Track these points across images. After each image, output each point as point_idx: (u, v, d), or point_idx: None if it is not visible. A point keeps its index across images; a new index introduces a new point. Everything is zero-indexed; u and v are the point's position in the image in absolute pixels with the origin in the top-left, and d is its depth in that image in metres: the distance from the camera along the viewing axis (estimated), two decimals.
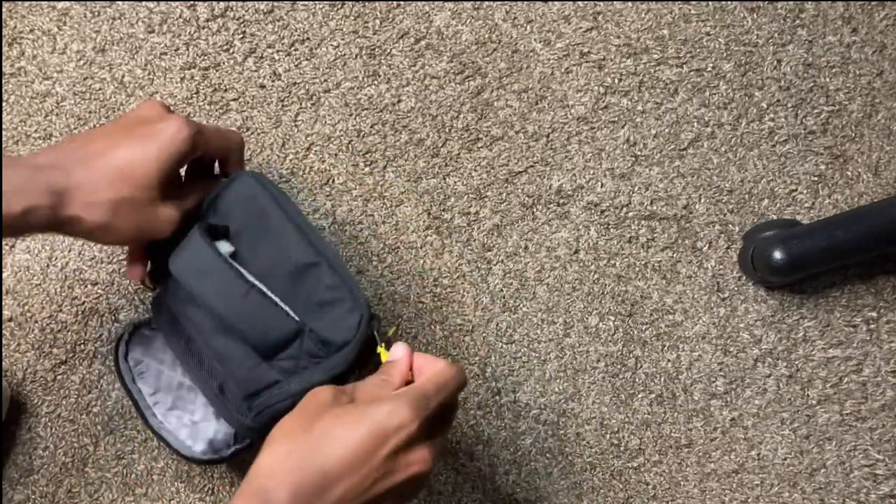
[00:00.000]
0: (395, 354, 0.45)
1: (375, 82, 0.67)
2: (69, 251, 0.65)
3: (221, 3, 0.68)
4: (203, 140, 0.46)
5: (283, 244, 0.48)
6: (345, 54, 0.68)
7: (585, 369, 0.66)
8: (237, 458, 0.56)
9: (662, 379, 0.66)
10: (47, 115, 0.67)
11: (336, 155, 0.67)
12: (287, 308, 0.47)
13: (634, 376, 0.66)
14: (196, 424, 0.56)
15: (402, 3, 0.68)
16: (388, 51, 0.68)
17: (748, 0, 0.68)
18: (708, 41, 0.68)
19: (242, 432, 0.52)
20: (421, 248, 0.66)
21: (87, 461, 0.64)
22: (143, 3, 0.68)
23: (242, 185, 0.49)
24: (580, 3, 0.68)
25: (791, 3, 0.69)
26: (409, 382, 0.44)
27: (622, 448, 0.65)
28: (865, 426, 0.65)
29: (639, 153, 0.67)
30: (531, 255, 0.67)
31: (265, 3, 0.68)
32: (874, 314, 0.66)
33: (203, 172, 0.53)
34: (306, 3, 0.68)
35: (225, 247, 0.48)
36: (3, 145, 0.66)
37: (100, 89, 0.67)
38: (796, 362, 0.66)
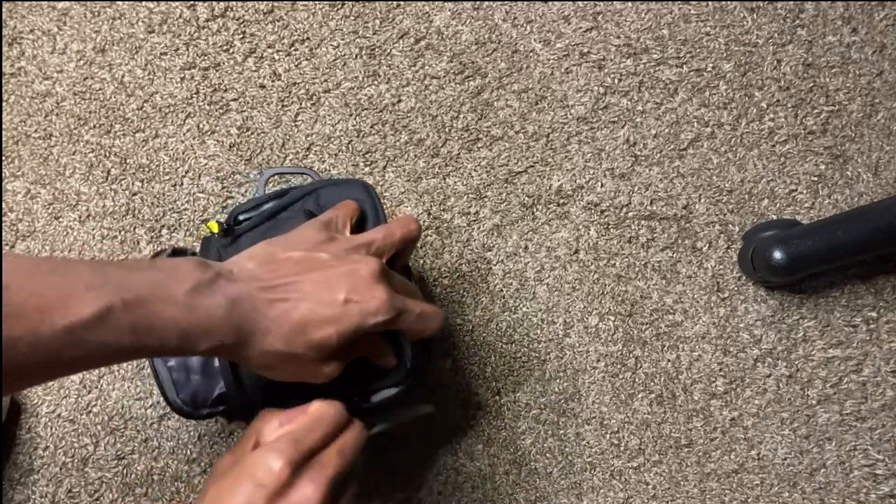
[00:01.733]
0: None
1: (375, 82, 0.67)
2: (69, 251, 0.65)
3: (221, 3, 0.68)
4: (398, 323, 0.44)
5: None
6: (345, 54, 0.68)
7: (585, 369, 0.66)
8: (210, 418, 0.55)
9: (662, 379, 0.66)
10: (47, 115, 0.67)
11: (336, 155, 0.67)
12: None
13: (634, 376, 0.66)
14: (189, 378, 0.55)
15: (402, 3, 0.68)
16: (388, 51, 0.68)
17: (748, 0, 0.68)
18: (708, 41, 0.68)
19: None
20: (421, 248, 0.66)
21: (87, 461, 0.64)
22: (143, 3, 0.68)
23: (354, 190, 0.52)
24: (580, 3, 0.68)
25: (791, 3, 0.69)
26: None
27: (622, 448, 0.65)
28: (865, 426, 0.65)
29: (639, 153, 0.67)
30: (531, 255, 0.67)
31: (265, 3, 0.68)
32: (874, 314, 0.66)
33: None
34: (306, 3, 0.68)
35: None
36: (4, 145, 0.66)
37: (100, 89, 0.67)
38: (796, 362, 0.66)
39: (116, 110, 0.67)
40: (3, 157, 0.66)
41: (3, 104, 0.67)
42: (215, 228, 0.52)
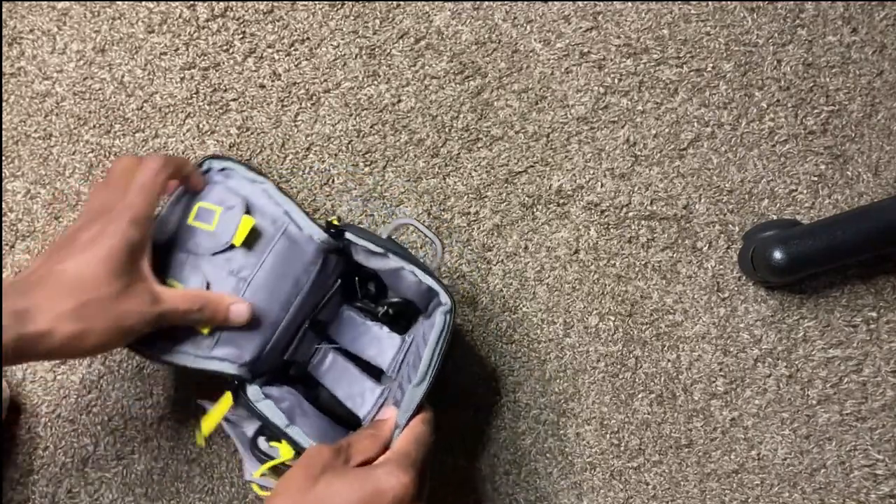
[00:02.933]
0: (384, 413, 0.50)
1: (375, 82, 0.67)
2: None
3: (221, 3, 0.68)
4: (146, 216, 0.46)
5: None
6: (345, 54, 0.68)
7: (585, 369, 0.66)
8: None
9: (662, 379, 0.66)
10: (47, 115, 0.67)
11: (336, 155, 0.67)
12: None
13: (634, 376, 0.66)
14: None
15: (402, 3, 0.68)
16: (388, 51, 0.68)
17: (748, 0, 0.68)
18: (708, 41, 0.68)
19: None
20: (421, 248, 0.66)
21: (87, 461, 0.64)
22: (143, 3, 0.68)
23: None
24: (580, 3, 0.68)
25: (791, 3, 0.68)
26: None
27: (622, 448, 0.65)
28: (865, 426, 0.65)
29: (639, 153, 0.67)
30: (531, 255, 0.67)
31: (265, 3, 0.68)
32: (874, 314, 0.66)
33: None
34: (306, 3, 0.68)
35: None
36: (4, 145, 0.66)
37: (99, 89, 0.67)
38: (796, 362, 0.66)
39: (116, 110, 0.67)
40: (3, 157, 0.66)
41: (3, 104, 0.66)
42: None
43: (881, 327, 0.66)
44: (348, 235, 0.53)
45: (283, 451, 0.50)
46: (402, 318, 0.58)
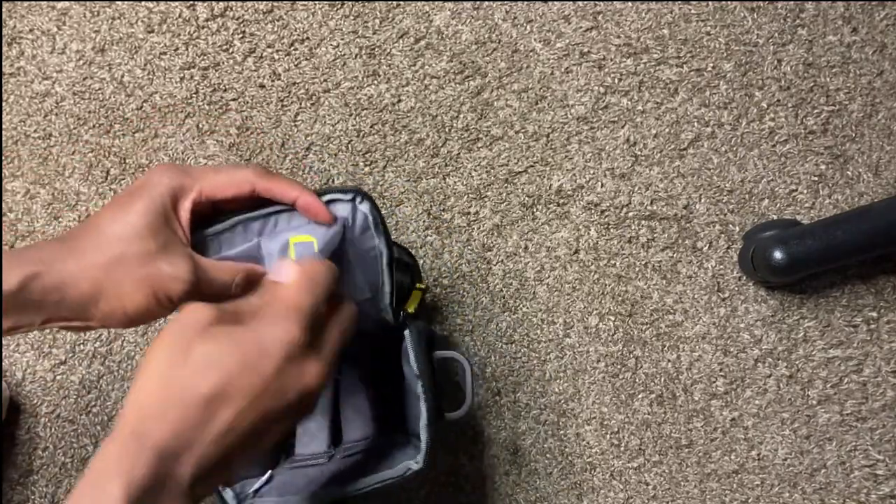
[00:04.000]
0: (279, 274, 0.41)
1: (375, 82, 0.67)
2: None
3: (221, 3, 0.68)
4: (191, 180, 0.42)
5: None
6: (345, 54, 0.68)
7: (585, 369, 0.66)
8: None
9: (662, 379, 0.66)
10: (47, 115, 0.67)
11: (336, 155, 0.67)
12: None
13: (634, 376, 0.66)
14: None
15: (402, 3, 0.68)
16: (388, 51, 0.68)
17: (748, 0, 0.68)
18: (708, 41, 0.68)
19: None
20: (421, 248, 0.66)
21: (87, 461, 0.64)
22: (143, 3, 0.67)
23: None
24: (580, 3, 0.68)
25: (791, 2, 0.68)
26: None
27: (622, 448, 0.65)
28: (866, 426, 0.65)
29: (639, 153, 0.67)
30: (531, 255, 0.66)
31: (265, 2, 0.68)
32: (874, 314, 0.66)
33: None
34: (306, 3, 0.68)
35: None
36: (3, 145, 0.66)
37: (99, 89, 0.67)
38: (796, 362, 0.66)
39: (116, 110, 0.67)
40: (3, 157, 0.66)
41: (3, 104, 0.66)
42: None
43: (881, 327, 0.66)
44: (406, 334, 0.50)
45: None
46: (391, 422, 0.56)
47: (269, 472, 0.51)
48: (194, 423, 0.34)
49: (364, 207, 0.44)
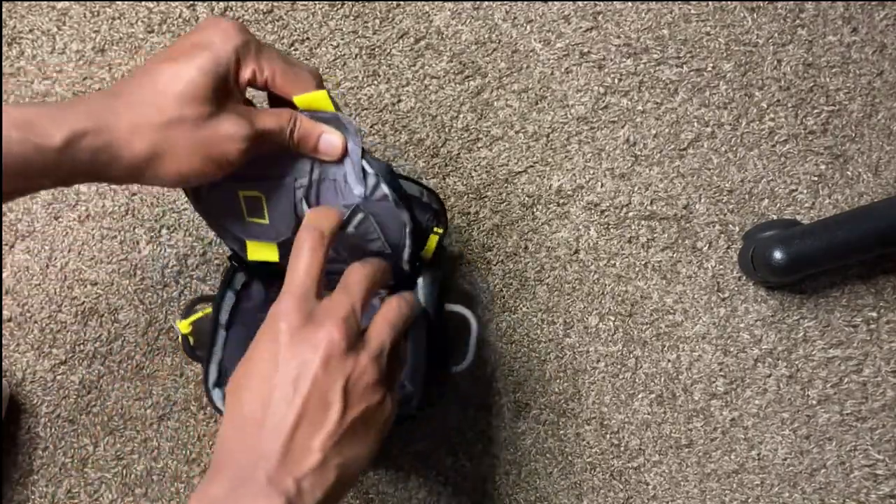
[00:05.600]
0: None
1: (375, 82, 0.67)
2: (69, 251, 0.65)
3: (221, 3, 0.68)
4: (255, 43, 0.41)
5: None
6: (345, 54, 0.68)
7: (585, 369, 0.66)
8: None
9: (662, 379, 0.66)
10: None
11: None
12: None
13: (634, 376, 0.66)
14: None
15: (402, 3, 0.68)
16: (388, 51, 0.68)
17: (748, 0, 0.68)
18: (708, 41, 0.68)
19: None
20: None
21: (87, 461, 0.64)
22: (143, 3, 0.68)
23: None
24: (580, 3, 0.68)
25: (791, 2, 0.68)
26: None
27: (622, 448, 0.65)
28: (866, 426, 0.65)
29: (639, 153, 0.67)
30: (531, 255, 0.66)
31: (265, 3, 0.68)
32: (874, 314, 0.66)
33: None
34: (306, 3, 0.68)
35: None
36: None
37: (99, 89, 0.67)
38: (796, 362, 0.66)
39: None
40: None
41: (3, 104, 0.66)
42: None
43: (881, 327, 0.66)
44: (419, 282, 0.53)
45: (182, 326, 0.51)
46: None
47: None
48: (252, 433, 0.36)
49: (384, 189, 0.45)
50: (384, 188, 0.45)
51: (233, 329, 0.53)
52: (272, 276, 0.54)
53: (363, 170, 0.45)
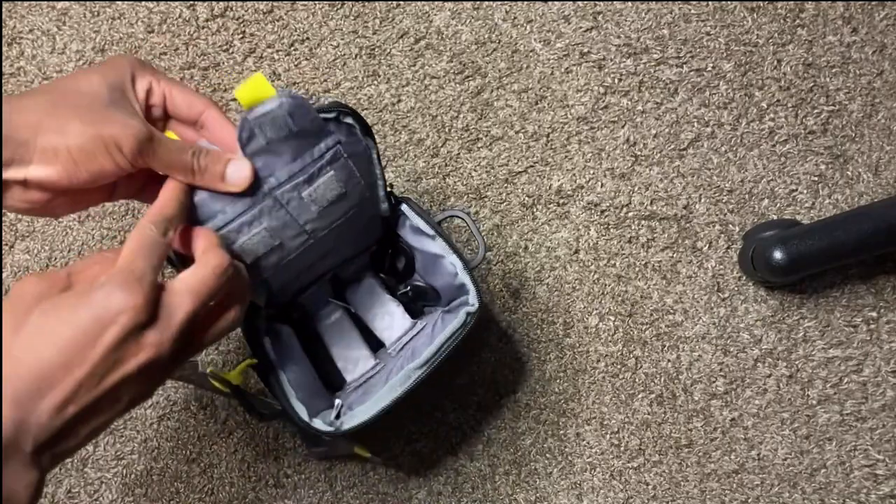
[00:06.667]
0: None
1: (375, 82, 0.67)
2: (69, 251, 0.65)
3: (221, 3, 0.68)
4: (153, 70, 0.42)
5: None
6: (345, 54, 0.68)
7: (585, 369, 0.66)
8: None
9: (662, 379, 0.66)
10: None
11: None
12: None
13: (634, 376, 0.66)
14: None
15: (402, 3, 0.68)
16: (388, 51, 0.68)
17: (748, 0, 0.68)
18: (708, 41, 0.68)
19: None
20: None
21: (87, 461, 0.64)
22: (143, 3, 0.68)
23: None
24: (580, 3, 0.68)
25: (791, 3, 0.68)
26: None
27: (622, 448, 0.65)
28: (865, 426, 0.65)
29: (639, 153, 0.67)
30: (531, 255, 0.66)
31: (265, 3, 0.68)
32: (874, 314, 0.66)
33: None
34: (306, 3, 0.68)
35: None
36: None
37: None
38: (796, 362, 0.66)
39: None
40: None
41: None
42: None
43: (881, 327, 0.66)
44: (404, 208, 0.52)
45: (233, 376, 0.50)
46: (419, 302, 0.57)
47: (337, 401, 0.52)
48: (28, 396, 0.33)
49: (349, 119, 0.44)
50: (348, 120, 0.44)
51: (285, 369, 0.52)
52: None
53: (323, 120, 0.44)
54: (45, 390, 0.33)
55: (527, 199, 0.67)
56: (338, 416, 0.50)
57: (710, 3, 0.68)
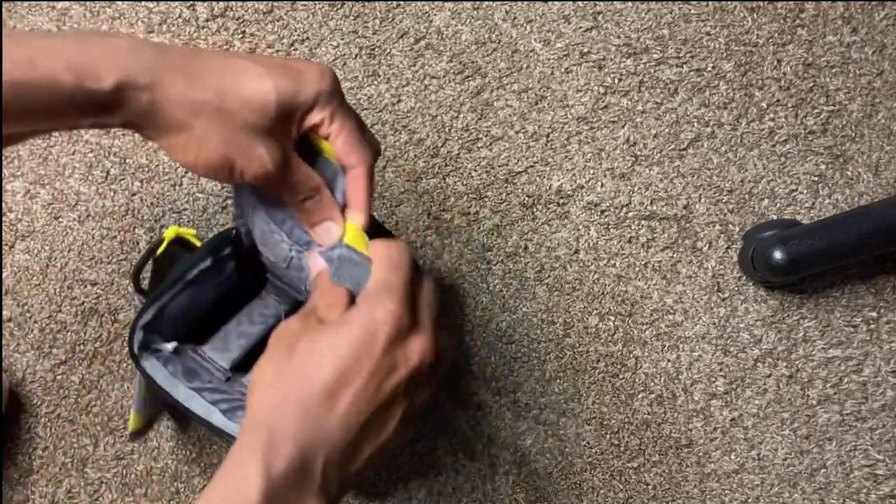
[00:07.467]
0: (313, 264, 0.43)
1: (375, 82, 0.67)
2: (69, 251, 0.65)
3: (221, 3, 0.68)
4: (335, 102, 0.40)
5: None
6: (345, 54, 0.68)
7: (585, 369, 0.66)
8: None
9: (662, 379, 0.66)
10: None
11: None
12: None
13: (634, 376, 0.66)
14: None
15: (402, 3, 0.68)
16: (388, 51, 0.68)
17: (748, 0, 0.68)
18: (708, 41, 0.68)
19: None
20: (421, 248, 0.66)
21: (87, 461, 0.64)
22: (143, 3, 0.68)
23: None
24: (580, 3, 0.68)
25: (791, 2, 0.68)
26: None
27: (622, 448, 0.65)
28: (866, 426, 0.65)
29: (639, 153, 0.67)
30: (531, 255, 0.66)
31: (265, 3, 0.68)
32: (874, 314, 0.66)
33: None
34: (306, 2, 0.68)
35: None
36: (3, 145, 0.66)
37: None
38: (796, 362, 0.66)
39: None
40: (3, 157, 0.66)
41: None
42: None
43: (881, 327, 0.66)
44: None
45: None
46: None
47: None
48: (317, 411, 0.34)
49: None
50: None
51: (191, 288, 0.51)
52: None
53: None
54: (334, 401, 0.34)
55: (527, 199, 0.67)
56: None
57: (710, 3, 0.68)
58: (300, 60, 0.41)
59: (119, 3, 0.67)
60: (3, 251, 0.65)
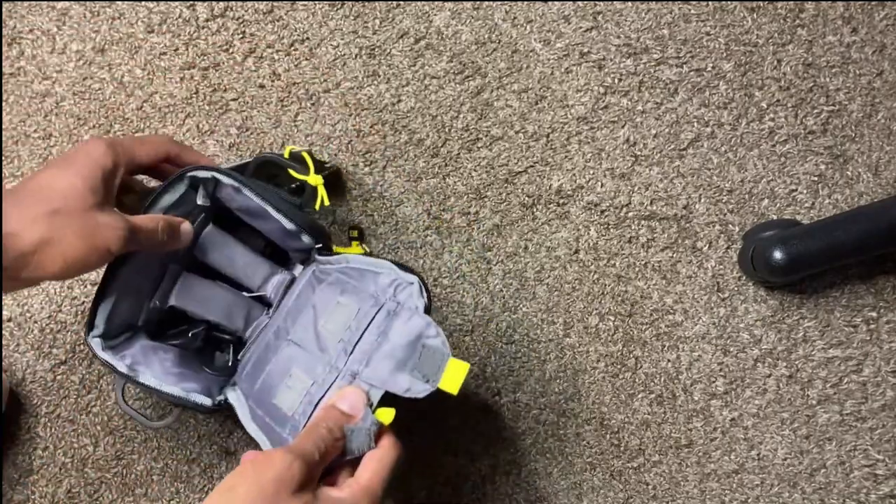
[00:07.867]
0: (345, 398, 0.48)
1: (375, 82, 0.67)
2: None
3: (221, 3, 0.68)
4: (123, 149, 0.46)
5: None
6: (344, 54, 0.68)
7: (585, 369, 0.66)
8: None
9: (662, 379, 0.66)
10: (47, 115, 0.67)
11: (336, 155, 0.67)
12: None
13: (634, 376, 0.66)
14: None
15: (402, 3, 0.68)
16: (388, 51, 0.68)
17: (748, 0, 0.68)
18: (708, 41, 0.68)
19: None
20: (421, 248, 0.66)
21: (87, 461, 0.64)
22: (143, 3, 0.68)
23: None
24: (580, 3, 0.68)
25: (791, 2, 0.68)
26: None
27: (622, 448, 0.65)
28: (865, 426, 0.65)
29: (639, 153, 0.67)
30: (531, 255, 0.67)
31: (265, 3, 0.68)
32: (874, 314, 0.66)
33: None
34: (306, 2, 0.68)
35: None
36: (3, 145, 0.66)
37: (99, 89, 0.67)
38: (796, 362, 0.66)
39: (116, 110, 0.67)
40: (3, 157, 0.66)
41: (3, 104, 0.66)
42: None
43: (881, 327, 0.66)
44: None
45: None
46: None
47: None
48: None
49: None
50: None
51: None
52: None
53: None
54: None
55: (527, 199, 0.67)
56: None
57: (710, 3, 0.68)
58: (81, 145, 0.46)
59: (119, 3, 0.67)
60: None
